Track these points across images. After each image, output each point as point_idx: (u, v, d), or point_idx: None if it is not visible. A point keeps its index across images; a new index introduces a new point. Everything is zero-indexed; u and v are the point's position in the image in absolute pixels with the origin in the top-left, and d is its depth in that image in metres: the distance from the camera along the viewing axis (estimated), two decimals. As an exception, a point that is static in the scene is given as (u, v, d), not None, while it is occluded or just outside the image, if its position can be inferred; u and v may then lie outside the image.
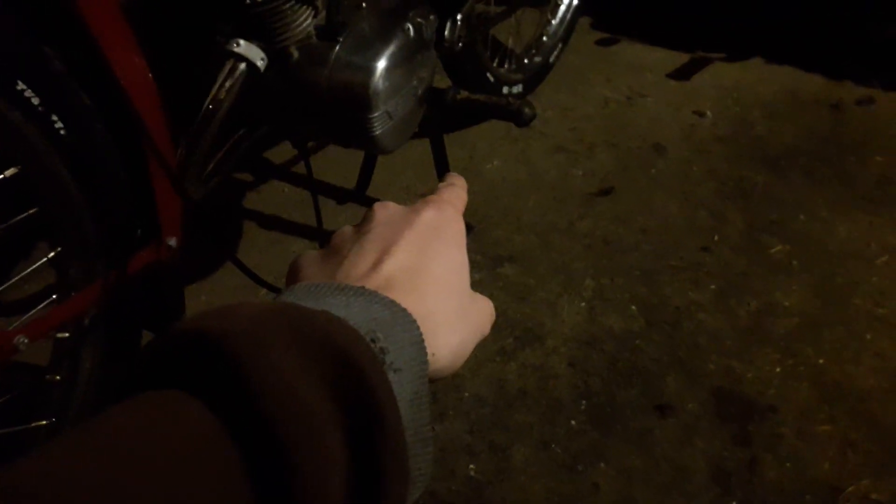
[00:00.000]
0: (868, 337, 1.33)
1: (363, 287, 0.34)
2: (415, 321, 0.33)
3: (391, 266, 0.36)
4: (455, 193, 0.44)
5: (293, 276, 0.40)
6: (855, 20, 2.10)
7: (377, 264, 0.36)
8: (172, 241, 1.06)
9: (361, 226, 0.40)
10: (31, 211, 0.94)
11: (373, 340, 0.30)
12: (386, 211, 0.41)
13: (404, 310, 0.33)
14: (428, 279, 0.36)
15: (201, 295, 1.44)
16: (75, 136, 0.91)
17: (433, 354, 0.35)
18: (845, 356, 1.30)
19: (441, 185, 0.45)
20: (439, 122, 1.52)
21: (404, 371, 0.31)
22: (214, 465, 0.25)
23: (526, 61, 1.90)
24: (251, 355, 0.26)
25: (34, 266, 0.97)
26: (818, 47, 2.09)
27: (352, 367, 0.27)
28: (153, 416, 0.25)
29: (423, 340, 0.33)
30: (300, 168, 1.72)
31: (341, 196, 1.69)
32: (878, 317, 1.37)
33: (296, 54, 1.13)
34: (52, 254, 0.98)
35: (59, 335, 1.02)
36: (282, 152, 1.76)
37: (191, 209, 1.10)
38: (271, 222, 1.63)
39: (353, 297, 0.33)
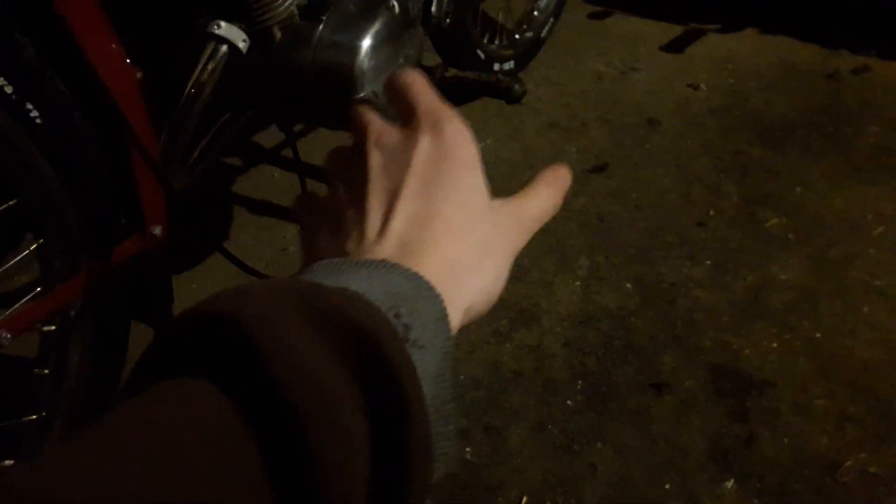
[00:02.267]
0: (865, 309, 1.32)
1: (384, 260, 0.32)
2: (438, 295, 0.31)
3: (400, 222, 0.34)
4: (432, 96, 0.38)
5: (305, 239, 0.39)
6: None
7: (385, 223, 0.34)
8: (157, 230, 1.04)
9: (356, 176, 0.37)
10: (10, 203, 0.92)
11: (396, 316, 0.29)
12: (379, 150, 0.37)
13: (427, 282, 0.31)
14: (442, 226, 0.34)
15: (192, 282, 1.42)
16: (52, 125, 0.89)
17: (468, 307, 0.33)
18: (842, 329, 1.29)
19: (407, 89, 0.39)
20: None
21: (428, 347, 0.29)
22: (233, 456, 0.24)
23: (517, 37, 1.87)
24: (267, 338, 0.25)
25: (15, 259, 0.95)
26: (813, 16, 2.06)
27: (372, 345, 0.26)
28: (167, 409, 0.24)
29: (446, 314, 0.31)
30: (290, 152, 1.70)
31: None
32: (875, 288, 1.36)
33: (278, 35, 1.11)
34: (34, 246, 0.96)
35: (45, 328, 1.00)
36: (271, 136, 1.74)
37: (175, 197, 1.08)
38: (261, 207, 1.61)
39: (373, 270, 0.31)
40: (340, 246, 0.35)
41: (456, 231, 0.34)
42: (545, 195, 0.39)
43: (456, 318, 0.33)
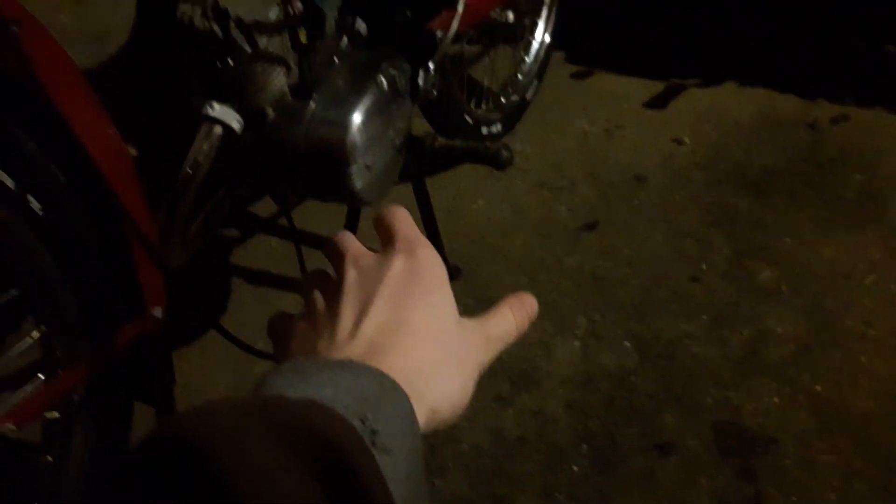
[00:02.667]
0: (863, 360, 1.33)
1: (350, 360, 0.33)
2: (404, 393, 0.32)
3: (370, 326, 0.36)
4: (411, 227, 0.42)
5: (278, 345, 0.40)
6: (819, 36, 2.13)
7: (356, 326, 0.36)
8: (157, 312, 1.05)
9: (333, 288, 0.40)
10: (11, 294, 0.93)
11: (362, 421, 0.30)
12: (356, 269, 0.40)
13: (393, 381, 0.32)
14: (410, 332, 0.36)
15: (193, 358, 1.42)
16: (52, 215, 0.91)
17: (433, 410, 0.34)
18: (842, 381, 1.29)
19: (390, 220, 0.42)
20: (420, 168, 1.52)
21: (396, 450, 0.30)
22: None
23: (503, 100, 1.91)
24: (235, 459, 0.25)
25: (18, 349, 0.95)
26: (790, 67, 2.11)
27: (340, 459, 0.27)
28: None
29: (413, 413, 0.32)
30: (286, 220, 1.72)
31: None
32: (871, 338, 1.37)
33: (271, 113, 1.14)
34: (35, 334, 0.97)
35: (49, 415, 1.00)
36: (268, 206, 1.76)
37: (173, 277, 1.09)
38: (259, 278, 1.62)
39: (340, 371, 0.32)
40: (312, 345, 0.37)
41: (424, 338, 0.36)
42: (510, 318, 0.42)
43: (422, 417, 0.34)
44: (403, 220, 0.42)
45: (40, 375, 0.98)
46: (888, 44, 2.08)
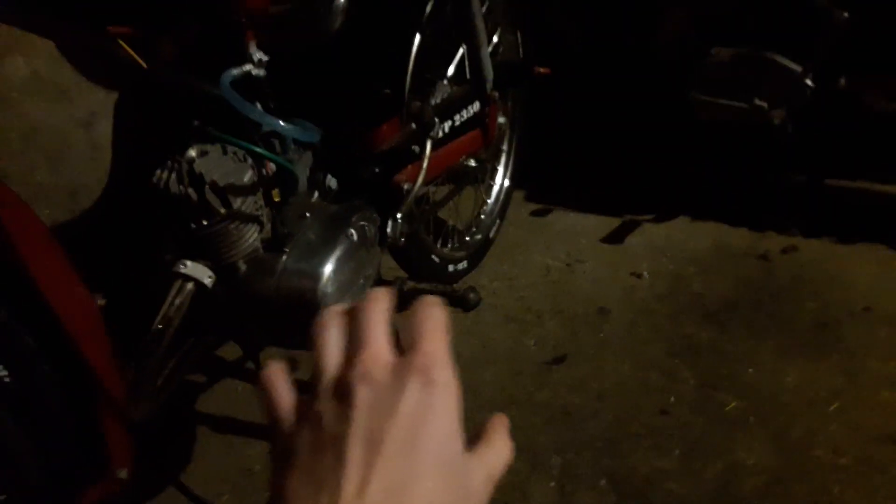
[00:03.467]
0: (836, 490, 1.33)
1: None
2: None
3: (377, 491, 0.35)
4: (437, 338, 0.39)
5: (274, 491, 0.38)
6: (763, 171, 2.26)
7: (363, 488, 0.35)
8: (123, 473, 1.02)
9: (343, 406, 0.37)
10: (-30, 463, 0.90)
11: None
12: (368, 386, 0.37)
13: None
14: (420, 497, 0.35)
15: (154, 515, 1.37)
16: (19, 382, 0.90)
17: None
18: (817, 513, 1.29)
19: (420, 321, 0.40)
20: (389, 309, 1.55)
21: None
22: None
23: (468, 239, 1.97)
24: None
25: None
26: (739, 201, 2.23)
27: None
28: None
29: None
30: (252, 363, 1.71)
31: (299, 389, 1.67)
32: (841, 467, 1.38)
33: (243, 268, 1.16)
34: (-8, 505, 0.93)
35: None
36: (233, 349, 1.75)
37: (139, 436, 1.07)
38: (226, 425, 1.59)
39: None
40: (312, 498, 0.35)
41: (435, 499, 0.36)
42: (504, 448, 0.41)
43: None
44: (432, 328, 0.40)
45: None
46: (827, 178, 2.22)
